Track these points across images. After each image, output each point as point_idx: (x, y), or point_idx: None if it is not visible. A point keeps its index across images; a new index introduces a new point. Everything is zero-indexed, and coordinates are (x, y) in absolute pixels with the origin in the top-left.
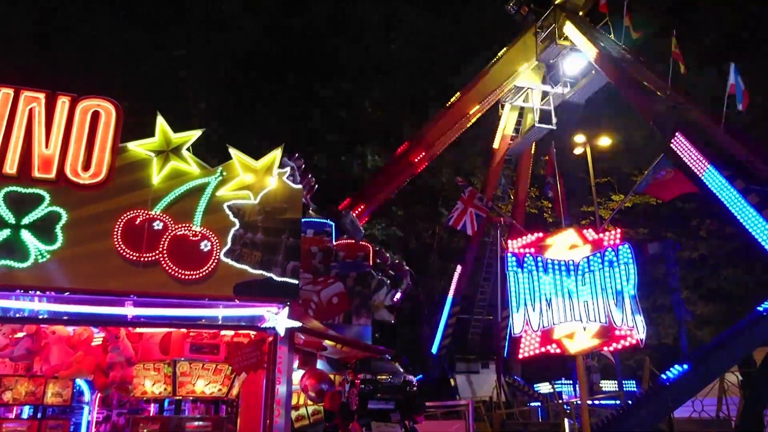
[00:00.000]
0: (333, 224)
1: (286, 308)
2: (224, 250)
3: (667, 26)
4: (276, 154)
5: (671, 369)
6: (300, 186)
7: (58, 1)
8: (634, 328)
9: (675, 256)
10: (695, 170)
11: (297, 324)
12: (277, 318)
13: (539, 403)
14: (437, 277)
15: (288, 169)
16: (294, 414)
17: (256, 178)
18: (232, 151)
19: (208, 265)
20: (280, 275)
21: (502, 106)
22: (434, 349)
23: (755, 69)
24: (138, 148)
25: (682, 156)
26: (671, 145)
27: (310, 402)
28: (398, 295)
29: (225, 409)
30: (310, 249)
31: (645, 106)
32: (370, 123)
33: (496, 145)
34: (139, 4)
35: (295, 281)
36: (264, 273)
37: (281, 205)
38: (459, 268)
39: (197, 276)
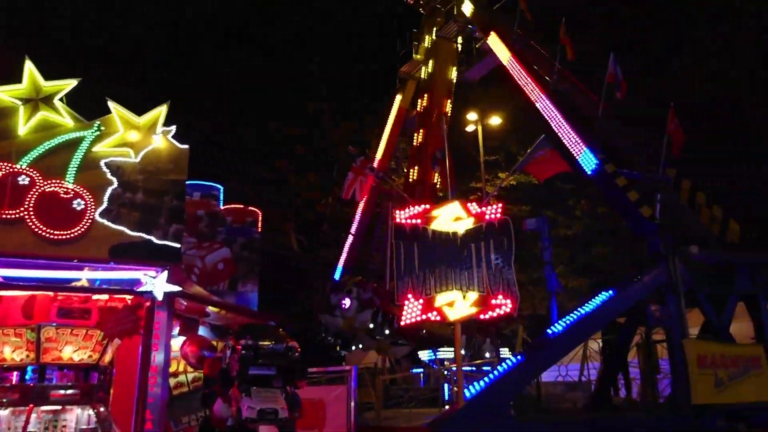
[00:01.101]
0: (221, 188)
1: (165, 272)
2: (100, 209)
3: (563, 15)
4: (161, 110)
5: (542, 335)
6: (187, 146)
7: None
8: (509, 298)
9: (549, 232)
10: (572, 152)
11: (177, 289)
12: (155, 282)
13: (422, 370)
14: (329, 247)
15: (173, 127)
16: (173, 381)
17: (139, 135)
18: (112, 104)
19: (81, 225)
20: (161, 238)
21: (401, 79)
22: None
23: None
24: (0, 94)
25: (562, 138)
26: (552, 126)
27: (190, 369)
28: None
29: (97, 376)
30: (196, 212)
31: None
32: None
33: (392, 117)
34: None
35: (177, 245)
36: (143, 235)
37: (165, 165)
38: (350, 238)
39: (68, 236)
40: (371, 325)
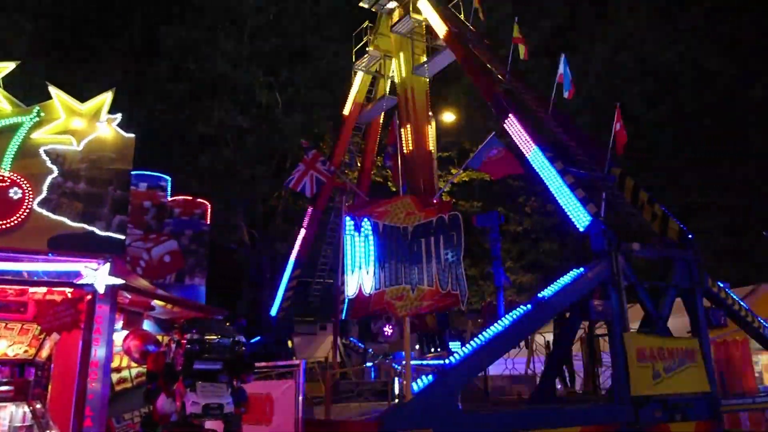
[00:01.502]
0: (169, 179)
1: (108, 264)
2: (39, 199)
3: (513, 12)
4: (105, 97)
5: (490, 327)
6: (133, 135)
7: None
8: (458, 293)
9: (499, 228)
10: (522, 150)
11: (119, 281)
12: (97, 274)
13: (372, 364)
14: (281, 240)
15: (119, 115)
16: (116, 377)
17: (81, 122)
18: (53, 90)
19: (18, 215)
20: (105, 229)
21: (355, 73)
22: (273, 312)
23: (582, 62)
24: None
25: (512, 136)
26: (504, 125)
27: (134, 364)
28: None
29: (34, 372)
30: (142, 204)
31: (485, 87)
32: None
33: (346, 111)
34: None
35: (121, 236)
36: (85, 226)
37: (109, 154)
38: (303, 231)
39: (4, 226)
40: (417, 346)
